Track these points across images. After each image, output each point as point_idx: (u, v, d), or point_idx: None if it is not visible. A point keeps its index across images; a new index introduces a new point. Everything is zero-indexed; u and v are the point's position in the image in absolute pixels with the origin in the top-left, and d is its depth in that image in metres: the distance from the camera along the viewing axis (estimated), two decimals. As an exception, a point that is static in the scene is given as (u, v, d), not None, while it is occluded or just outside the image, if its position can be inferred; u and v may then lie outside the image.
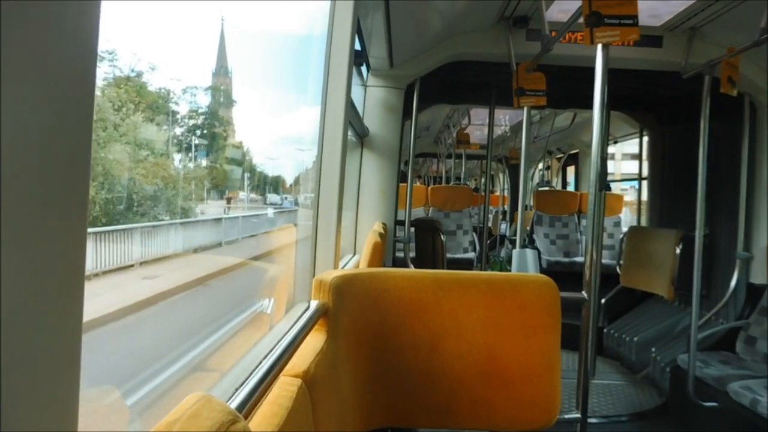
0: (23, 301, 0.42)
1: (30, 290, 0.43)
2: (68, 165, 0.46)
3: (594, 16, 2.05)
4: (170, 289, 1.59)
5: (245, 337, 1.73)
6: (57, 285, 0.46)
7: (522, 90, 3.04)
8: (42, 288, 0.44)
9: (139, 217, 1.49)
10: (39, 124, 0.43)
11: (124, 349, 1.29)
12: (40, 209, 0.44)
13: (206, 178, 1.95)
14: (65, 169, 0.46)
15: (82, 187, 0.48)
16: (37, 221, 0.43)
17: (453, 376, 1.63)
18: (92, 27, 0.48)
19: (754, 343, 3.40)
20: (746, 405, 2.82)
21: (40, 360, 0.44)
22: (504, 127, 8.10)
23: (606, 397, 3.90)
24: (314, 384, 1.10)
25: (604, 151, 2.21)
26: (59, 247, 0.46)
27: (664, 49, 3.37)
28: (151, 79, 1.55)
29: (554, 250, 6.31)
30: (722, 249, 3.97)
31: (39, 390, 0.44)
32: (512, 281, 1.67)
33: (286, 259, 2.11)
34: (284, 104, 2.57)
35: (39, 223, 0.44)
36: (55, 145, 0.45)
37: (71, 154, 0.47)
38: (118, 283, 1.42)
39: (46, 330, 0.45)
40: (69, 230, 0.47)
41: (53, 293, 0.46)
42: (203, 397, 0.65)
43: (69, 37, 0.45)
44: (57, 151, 0.45)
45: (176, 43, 1.51)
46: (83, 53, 0.47)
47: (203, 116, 1.97)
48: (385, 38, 2.83)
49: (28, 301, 0.43)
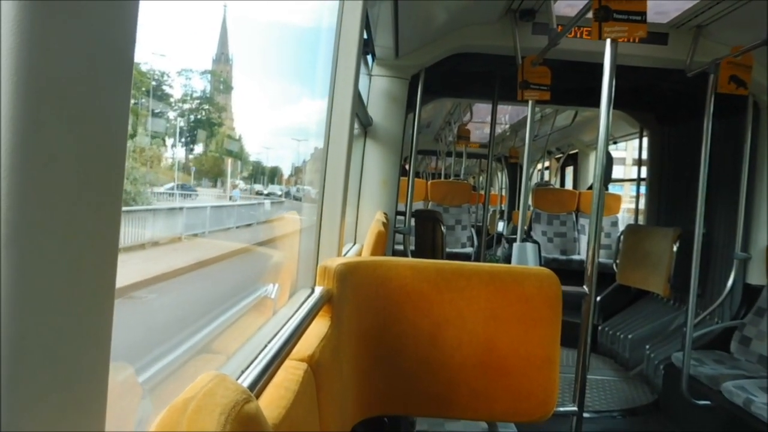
0: (53, 293, 0.43)
1: (68, 276, 0.44)
2: (106, 157, 0.48)
3: (603, 10, 2.05)
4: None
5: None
6: (89, 276, 0.47)
7: (527, 83, 3.04)
8: (78, 276, 0.45)
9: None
10: (79, 115, 0.44)
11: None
12: (79, 197, 0.44)
13: (159, 159, 1.79)
14: (103, 160, 0.47)
15: (118, 179, 0.49)
16: (79, 212, 0.44)
17: (452, 366, 1.64)
18: (130, 24, 0.49)
19: (749, 344, 3.42)
20: (740, 404, 2.84)
21: (66, 353, 0.45)
22: (504, 125, 8.11)
23: (599, 393, 3.93)
24: (319, 369, 1.10)
25: (608, 148, 2.22)
26: (95, 237, 0.47)
27: (669, 47, 3.37)
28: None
29: (552, 248, 6.34)
30: (720, 249, 3.98)
31: (66, 382, 0.45)
32: (514, 274, 1.67)
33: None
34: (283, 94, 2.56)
35: (81, 214, 0.45)
36: (93, 137, 0.46)
37: (109, 147, 0.48)
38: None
39: (77, 323, 0.46)
40: (105, 221, 0.48)
41: (85, 286, 0.46)
42: (217, 376, 0.66)
43: (107, 33, 0.46)
44: (95, 143, 0.46)
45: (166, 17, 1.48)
46: (121, 48, 0.48)
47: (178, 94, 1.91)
48: (392, 28, 2.82)
49: (64, 285, 0.43)
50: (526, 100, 3.14)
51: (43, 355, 0.41)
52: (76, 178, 0.43)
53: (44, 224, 0.40)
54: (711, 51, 3.24)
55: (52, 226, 0.41)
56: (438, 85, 4.01)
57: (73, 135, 0.43)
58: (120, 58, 0.48)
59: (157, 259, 1.64)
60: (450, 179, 8.71)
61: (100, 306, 0.48)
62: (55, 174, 0.41)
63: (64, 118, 0.41)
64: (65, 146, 0.42)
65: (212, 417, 0.58)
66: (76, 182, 0.43)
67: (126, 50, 0.48)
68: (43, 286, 0.41)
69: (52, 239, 0.41)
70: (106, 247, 0.48)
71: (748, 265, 3.69)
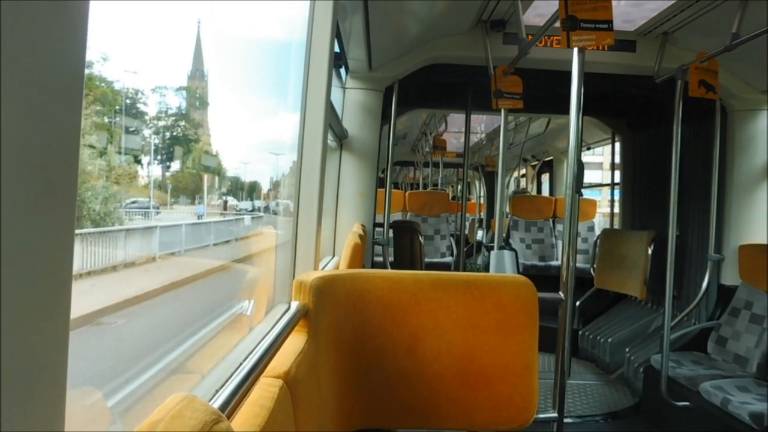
0: (12, 302, 0.41)
1: (19, 292, 0.42)
2: (56, 166, 0.46)
3: (570, 20, 2.09)
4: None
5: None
6: (45, 287, 0.45)
7: (500, 92, 3.08)
8: (30, 290, 0.44)
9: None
10: (28, 127, 0.42)
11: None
12: (29, 210, 0.43)
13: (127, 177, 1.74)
14: (53, 170, 0.46)
15: (70, 187, 0.48)
16: (26, 223, 0.43)
17: (432, 377, 1.63)
18: (81, 28, 0.47)
19: (725, 344, 3.47)
20: (717, 404, 2.87)
21: (27, 361, 0.43)
22: (480, 134, 8.18)
23: (581, 397, 3.95)
24: (295, 385, 1.09)
25: (580, 155, 2.25)
26: (47, 248, 0.45)
27: (637, 54, 3.44)
28: (104, 71, 1.48)
29: (530, 254, 6.38)
30: (694, 251, 4.05)
31: (25, 391, 0.44)
32: (491, 282, 1.68)
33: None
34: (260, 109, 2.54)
35: (28, 225, 0.43)
36: (43, 147, 0.44)
37: (59, 156, 0.46)
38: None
39: (34, 331, 0.44)
40: (56, 231, 0.47)
41: (41, 296, 0.45)
42: (186, 398, 0.64)
43: (57, 38, 0.45)
44: (45, 153, 0.44)
45: (140, 35, 1.46)
46: (72, 55, 0.47)
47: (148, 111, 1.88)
48: (364, 40, 2.83)
49: (16, 303, 0.42)
50: (500, 109, 3.17)
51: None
52: (20, 188, 0.42)
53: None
54: (678, 57, 3.31)
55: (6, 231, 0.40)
56: (412, 96, 4.04)
57: (18, 144, 0.41)
58: (70, 62, 0.47)
59: (129, 282, 1.61)
60: (428, 189, 8.74)
61: (57, 309, 0.47)
62: (8, 179, 0.40)
63: (8, 122, 0.40)
64: (10, 156, 0.40)
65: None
66: (21, 192, 0.42)
67: (75, 55, 0.47)
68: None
69: (6, 243, 0.40)
70: (60, 259, 0.47)
71: (721, 266, 3.75)
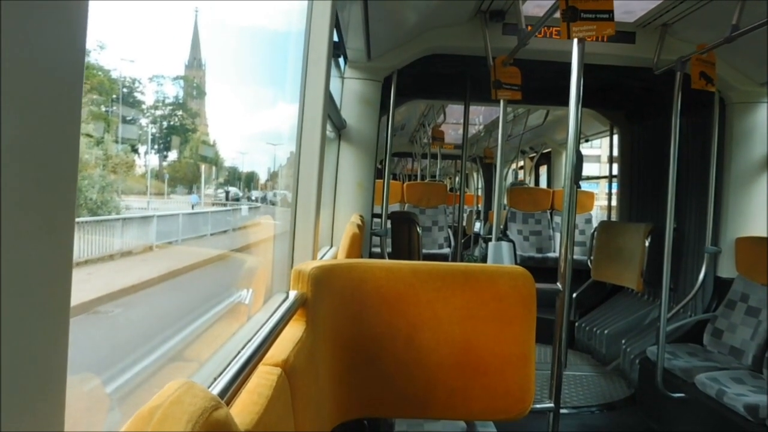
0: (12, 302, 0.41)
1: (19, 286, 0.42)
2: (56, 162, 0.46)
3: (571, 10, 2.08)
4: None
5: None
6: (45, 282, 0.46)
7: (499, 83, 3.07)
8: (30, 284, 0.44)
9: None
10: (28, 123, 0.42)
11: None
12: (30, 206, 0.43)
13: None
14: (53, 166, 0.46)
15: (70, 183, 0.48)
16: (26, 218, 0.43)
17: (429, 367, 1.64)
18: (81, 22, 0.47)
19: (721, 336, 3.49)
20: (713, 396, 2.89)
21: (27, 356, 0.44)
22: (478, 126, 8.16)
23: (577, 388, 3.97)
24: (293, 373, 1.09)
25: (578, 146, 2.25)
26: (47, 244, 0.46)
27: (636, 45, 3.44)
28: (101, 60, 1.46)
29: (527, 246, 6.40)
30: (690, 243, 4.06)
31: (26, 387, 0.44)
32: (489, 273, 1.68)
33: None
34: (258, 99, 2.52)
35: (28, 220, 0.43)
36: (44, 141, 0.44)
37: (59, 152, 0.46)
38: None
39: (33, 327, 0.44)
40: (57, 227, 0.47)
41: (41, 294, 0.45)
42: (185, 383, 0.64)
43: (57, 36, 0.45)
44: (45, 150, 0.45)
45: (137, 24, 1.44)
46: (71, 52, 0.47)
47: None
48: (363, 30, 2.82)
49: (15, 297, 0.42)
50: (498, 100, 3.16)
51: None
52: (20, 181, 0.42)
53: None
54: (677, 49, 3.31)
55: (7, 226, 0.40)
56: (411, 86, 4.03)
57: (20, 137, 0.41)
58: (70, 55, 0.47)
59: (127, 271, 1.61)
60: (426, 180, 8.74)
61: (57, 304, 0.47)
62: (7, 176, 0.40)
63: (8, 117, 0.40)
64: (10, 148, 0.40)
65: (179, 425, 0.57)
66: (21, 186, 0.42)
67: (76, 48, 0.47)
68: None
69: (6, 238, 0.40)
70: (60, 254, 0.47)
71: (718, 259, 3.77)
